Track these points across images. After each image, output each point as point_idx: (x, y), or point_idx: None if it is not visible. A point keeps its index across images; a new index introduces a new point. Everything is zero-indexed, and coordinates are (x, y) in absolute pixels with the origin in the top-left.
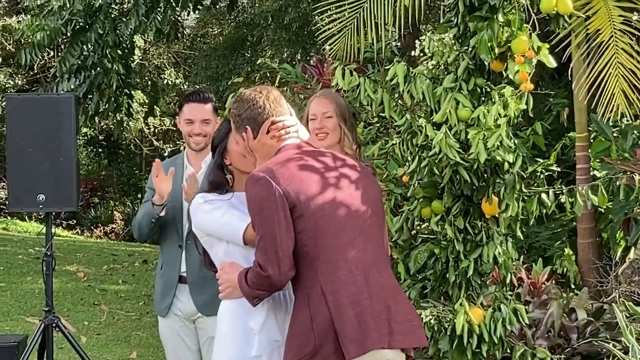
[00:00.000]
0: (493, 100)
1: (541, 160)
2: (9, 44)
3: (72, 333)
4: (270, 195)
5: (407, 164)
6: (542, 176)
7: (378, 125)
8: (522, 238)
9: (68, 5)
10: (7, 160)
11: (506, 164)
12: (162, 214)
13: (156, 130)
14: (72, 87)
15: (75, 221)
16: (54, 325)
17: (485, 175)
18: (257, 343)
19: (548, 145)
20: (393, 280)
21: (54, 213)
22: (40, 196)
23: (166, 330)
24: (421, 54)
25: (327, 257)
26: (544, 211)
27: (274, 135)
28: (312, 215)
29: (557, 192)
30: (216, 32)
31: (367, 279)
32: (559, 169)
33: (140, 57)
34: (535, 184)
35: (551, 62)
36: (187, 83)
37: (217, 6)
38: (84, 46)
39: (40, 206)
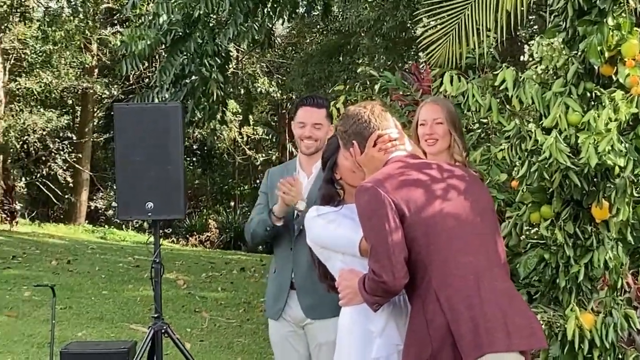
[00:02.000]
0: (603, 104)
1: None
2: (104, 56)
3: (178, 339)
4: (380, 203)
5: (515, 169)
6: None
7: (479, 131)
8: (632, 243)
9: (166, 17)
10: (115, 168)
11: (617, 168)
12: (280, 223)
13: (249, 139)
14: (170, 95)
15: (170, 230)
16: (163, 331)
17: (595, 179)
18: (377, 346)
19: None
20: (509, 284)
21: (161, 222)
22: (149, 204)
23: (276, 334)
24: (529, 59)
25: (440, 263)
26: None
27: (380, 148)
28: (422, 224)
29: None
30: (309, 40)
31: (481, 283)
32: None
33: (234, 67)
34: None
35: None
36: (280, 91)
37: (311, 15)
38: (183, 56)
39: (149, 214)
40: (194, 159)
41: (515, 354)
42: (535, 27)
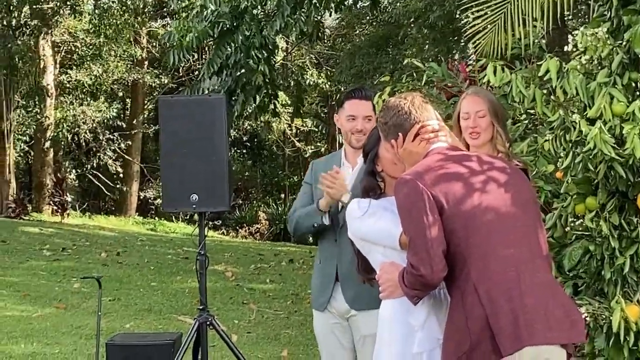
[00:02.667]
0: None
1: None
2: (154, 48)
3: (223, 331)
4: (419, 196)
5: (560, 160)
6: None
7: (526, 122)
8: None
9: (214, 8)
10: (160, 161)
11: None
12: (327, 222)
13: (298, 131)
14: (216, 87)
15: (220, 222)
16: (208, 323)
17: None
18: (418, 340)
19: None
20: (550, 277)
21: (207, 213)
22: (194, 196)
23: (321, 326)
24: (574, 49)
25: (479, 256)
26: None
27: (422, 138)
28: (461, 217)
29: None
30: (358, 31)
31: (521, 276)
32: None
33: (283, 58)
34: None
35: None
36: (329, 83)
37: (359, 6)
38: (230, 47)
39: (194, 206)
40: (244, 151)
41: (555, 346)
42: (586, 17)
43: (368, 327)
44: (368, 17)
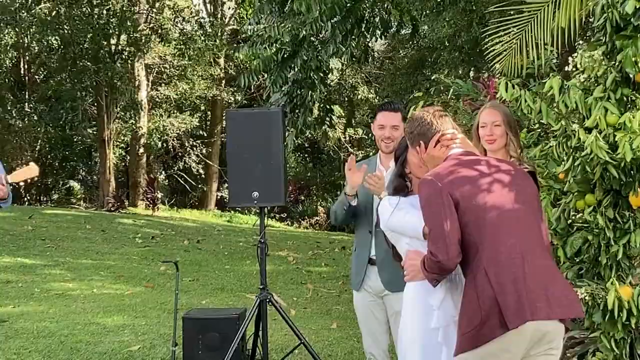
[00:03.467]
0: (637, 107)
1: None
2: (230, 69)
3: (283, 307)
4: (437, 193)
5: (562, 163)
6: None
7: (539, 130)
8: None
9: (278, 37)
10: (227, 164)
11: None
12: (354, 203)
13: (351, 139)
14: (282, 103)
15: (286, 214)
16: (267, 300)
17: (631, 172)
18: (436, 317)
19: None
20: (550, 262)
21: (267, 208)
22: (255, 193)
23: (358, 302)
24: (574, 69)
25: (489, 244)
26: None
27: (442, 145)
28: (473, 211)
29: None
30: (401, 54)
31: (525, 261)
32: None
33: (338, 78)
34: None
35: None
36: (378, 97)
37: (401, 33)
38: (291, 70)
39: (255, 202)
40: (306, 155)
41: (554, 321)
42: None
43: (399, 305)
44: (410, 42)
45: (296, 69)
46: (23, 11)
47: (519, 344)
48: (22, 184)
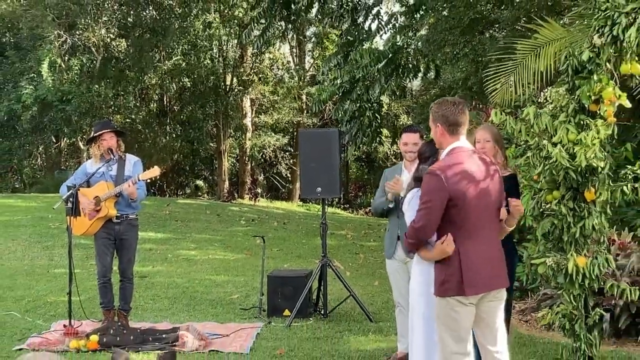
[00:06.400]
0: (590, 128)
1: (629, 167)
2: (309, 102)
3: (340, 270)
4: (439, 189)
5: (536, 168)
6: (629, 177)
7: (524, 145)
8: (610, 215)
9: (339, 77)
10: (300, 169)
11: (599, 168)
12: (391, 205)
13: (395, 153)
14: (345, 126)
15: (348, 205)
16: (327, 264)
17: (586, 174)
18: (429, 275)
19: (635, 157)
20: (500, 247)
21: (328, 199)
22: (318, 189)
23: (390, 267)
24: (545, 100)
25: (465, 228)
26: (630, 197)
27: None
28: (460, 199)
29: (637, 187)
30: (429, 92)
31: (488, 248)
32: None
33: (386, 109)
34: (623, 181)
35: (627, 104)
36: (414, 123)
37: (428, 76)
38: (349, 102)
39: (318, 194)
40: (363, 164)
41: (498, 289)
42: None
43: None
44: (435, 83)
45: (352, 101)
46: (166, 61)
47: (473, 300)
48: (149, 181)
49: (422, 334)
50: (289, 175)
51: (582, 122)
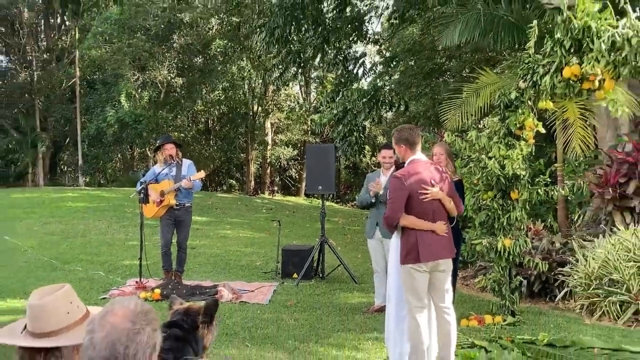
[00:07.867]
0: (516, 147)
1: (542, 176)
2: (314, 126)
3: (333, 245)
4: (401, 187)
5: (476, 175)
6: (541, 182)
7: (467, 159)
8: (528, 210)
9: (335, 108)
10: (305, 173)
11: (522, 175)
12: (373, 200)
13: (374, 163)
14: (340, 142)
15: (339, 200)
16: (324, 241)
17: (512, 180)
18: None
19: (546, 168)
20: (448, 229)
21: (325, 195)
22: (319, 187)
23: (370, 244)
24: (484, 126)
25: (422, 215)
26: (542, 198)
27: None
28: (415, 196)
29: (547, 190)
30: (399, 120)
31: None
32: (549, 179)
33: (368, 131)
34: (537, 185)
35: (542, 130)
36: (387, 141)
37: (399, 108)
38: (342, 125)
39: (320, 190)
40: (350, 170)
41: (445, 259)
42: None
43: (389, 245)
44: (404, 114)
45: (343, 126)
46: (210, 94)
47: (426, 268)
48: (198, 180)
49: (394, 289)
50: (297, 177)
51: (509, 143)
